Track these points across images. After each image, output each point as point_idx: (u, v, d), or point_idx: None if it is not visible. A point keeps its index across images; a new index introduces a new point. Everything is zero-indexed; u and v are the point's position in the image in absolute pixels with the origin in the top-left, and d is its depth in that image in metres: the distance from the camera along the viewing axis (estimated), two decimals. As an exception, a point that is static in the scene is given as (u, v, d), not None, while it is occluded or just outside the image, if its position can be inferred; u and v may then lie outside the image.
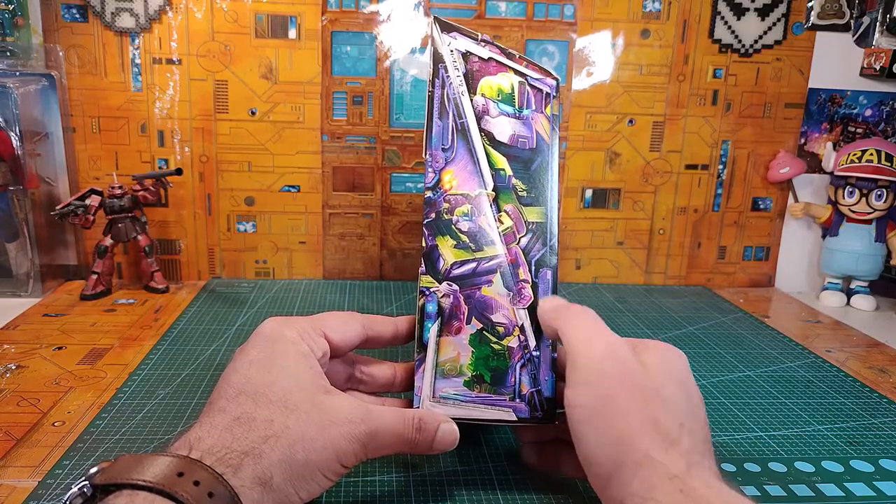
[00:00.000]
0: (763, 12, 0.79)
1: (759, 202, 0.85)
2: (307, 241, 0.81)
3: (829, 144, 0.83)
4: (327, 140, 0.78)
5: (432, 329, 0.41)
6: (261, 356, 0.37)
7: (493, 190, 0.42)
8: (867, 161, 0.78)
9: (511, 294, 0.41)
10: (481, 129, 0.42)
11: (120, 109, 0.75)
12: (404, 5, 0.75)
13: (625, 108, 0.80)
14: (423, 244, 0.41)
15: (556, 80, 0.44)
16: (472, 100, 0.43)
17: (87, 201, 0.71)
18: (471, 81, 0.43)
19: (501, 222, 0.42)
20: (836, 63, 0.81)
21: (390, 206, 0.81)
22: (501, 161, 0.42)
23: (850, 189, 0.79)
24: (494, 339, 0.41)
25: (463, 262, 0.41)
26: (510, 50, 0.44)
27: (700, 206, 0.84)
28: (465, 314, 0.41)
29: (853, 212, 0.80)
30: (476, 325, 0.41)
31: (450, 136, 0.42)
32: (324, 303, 0.74)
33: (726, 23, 0.79)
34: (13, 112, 0.69)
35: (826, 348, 0.67)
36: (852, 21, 0.78)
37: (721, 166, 0.83)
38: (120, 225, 0.73)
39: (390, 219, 0.81)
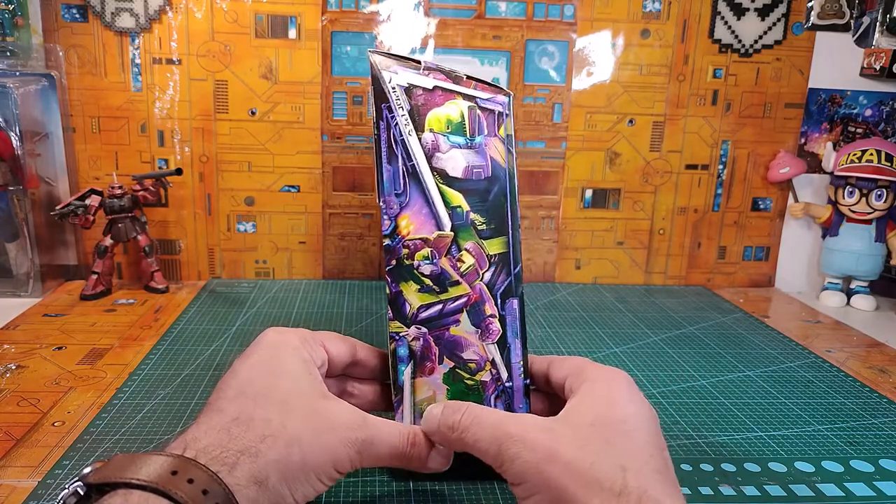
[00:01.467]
0: (763, 12, 0.79)
1: (759, 202, 0.85)
2: (307, 241, 0.81)
3: (829, 144, 0.83)
4: (327, 140, 0.78)
5: (406, 371, 0.41)
6: (262, 360, 0.37)
7: (451, 230, 0.41)
8: (867, 161, 0.78)
9: (479, 331, 0.41)
10: (433, 168, 0.41)
11: (120, 109, 0.75)
12: (404, 5, 0.75)
13: (625, 108, 0.80)
14: (388, 291, 0.40)
15: (508, 95, 0.42)
16: (420, 138, 0.40)
17: (87, 201, 0.71)
18: (417, 118, 0.41)
19: (463, 261, 0.41)
20: (836, 63, 0.81)
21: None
22: (457, 198, 0.41)
23: (850, 189, 0.79)
24: (468, 375, 0.41)
25: (429, 305, 0.41)
26: (456, 72, 0.42)
27: (700, 206, 0.84)
28: (437, 354, 0.41)
29: (853, 212, 0.80)
30: (448, 363, 0.41)
31: (401, 181, 0.40)
32: (324, 303, 0.74)
33: (726, 23, 0.79)
34: (13, 112, 0.69)
35: (826, 348, 0.67)
36: (852, 21, 0.78)
37: (721, 166, 0.83)
38: (120, 225, 0.73)
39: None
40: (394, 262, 0.40)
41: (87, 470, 0.30)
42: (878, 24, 0.71)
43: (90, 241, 0.76)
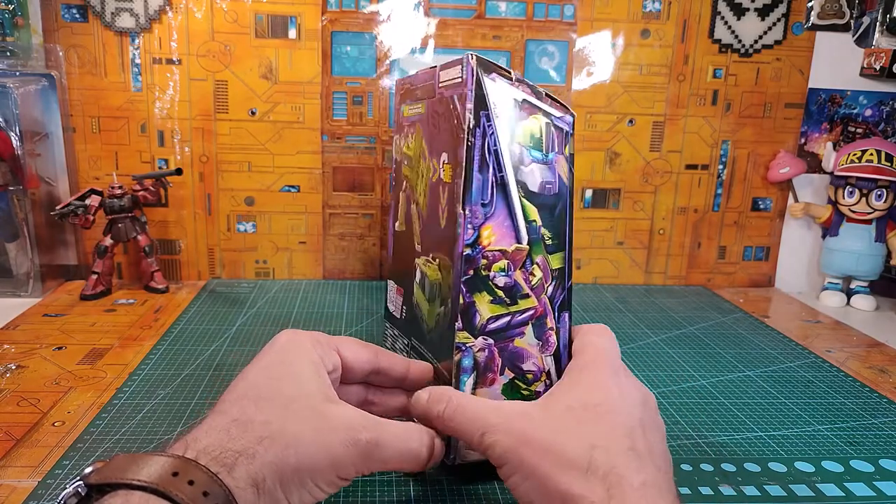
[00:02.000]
0: (763, 12, 0.79)
1: (759, 202, 0.85)
2: (307, 241, 0.81)
3: (829, 144, 0.83)
4: (327, 140, 0.78)
5: (468, 382, 0.40)
6: (271, 362, 0.37)
7: (527, 243, 0.41)
8: (867, 161, 0.78)
9: (540, 343, 0.41)
10: (517, 181, 0.41)
11: (120, 109, 0.75)
12: (404, 5, 0.75)
13: (625, 108, 0.80)
14: (461, 300, 0.40)
15: (573, 115, 0.43)
16: (509, 150, 0.41)
17: (87, 201, 0.71)
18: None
19: (534, 275, 0.41)
20: (836, 63, 0.81)
21: (390, 205, 0.81)
22: (534, 212, 0.41)
23: (850, 189, 0.79)
24: (524, 386, 0.41)
25: (498, 317, 0.41)
26: (537, 87, 0.42)
27: (700, 206, 0.84)
28: (499, 366, 0.41)
29: (853, 212, 0.80)
30: (508, 374, 0.41)
31: (489, 191, 0.40)
32: (324, 303, 0.74)
33: (726, 23, 0.79)
34: (13, 112, 0.69)
35: (826, 348, 0.67)
36: (852, 21, 0.78)
37: (721, 166, 0.83)
38: (120, 225, 0.73)
39: (390, 219, 0.81)
40: (471, 272, 0.40)
41: (87, 470, 0.30)
42: (878, 24, 0.71)
43: (90, 241, 0.76)
